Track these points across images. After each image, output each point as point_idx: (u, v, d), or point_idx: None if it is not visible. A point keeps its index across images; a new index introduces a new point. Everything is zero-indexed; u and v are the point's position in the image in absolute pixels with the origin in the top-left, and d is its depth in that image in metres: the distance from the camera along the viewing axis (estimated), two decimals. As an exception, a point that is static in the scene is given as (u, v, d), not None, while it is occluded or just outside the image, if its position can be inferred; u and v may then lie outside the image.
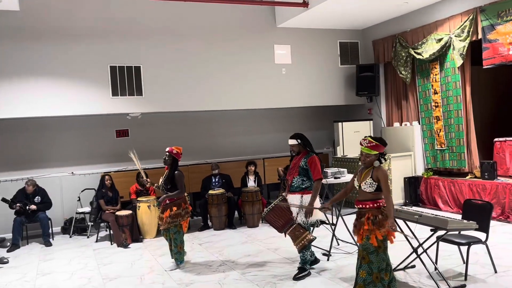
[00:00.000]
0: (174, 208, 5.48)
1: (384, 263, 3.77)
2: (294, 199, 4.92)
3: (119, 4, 7.69)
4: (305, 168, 4.92)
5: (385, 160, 3.93)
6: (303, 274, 4.94)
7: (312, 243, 5.22)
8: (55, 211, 7.86)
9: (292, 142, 5.01)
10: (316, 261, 5.21)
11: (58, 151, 8.19)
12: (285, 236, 4.96)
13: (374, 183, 3.78)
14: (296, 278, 4.89)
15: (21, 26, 7.15)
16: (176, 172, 5.52)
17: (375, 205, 3.79)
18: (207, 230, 7.63)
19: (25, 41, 7.17)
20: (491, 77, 8.63)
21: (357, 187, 3.95)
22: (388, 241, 3.84)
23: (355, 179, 4.00)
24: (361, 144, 3.91)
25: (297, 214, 4.86)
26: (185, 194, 5.74)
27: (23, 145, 7.99)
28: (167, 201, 5.55)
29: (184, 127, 9.00)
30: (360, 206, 3.87)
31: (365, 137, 3.93)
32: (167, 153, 5.60)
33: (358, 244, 3.88)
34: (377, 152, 3.82)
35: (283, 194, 5.10)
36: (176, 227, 5.53)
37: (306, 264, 5.00)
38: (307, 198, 4.89)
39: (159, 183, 5.76)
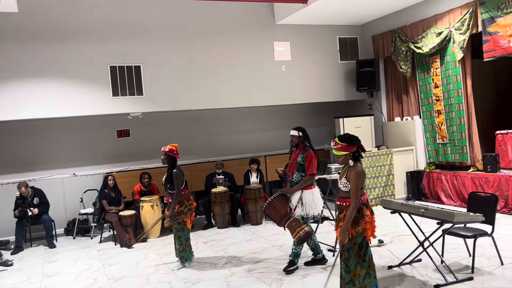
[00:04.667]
0: (177, 206, 5.49)
1: (360, 259, 3.72)
2: (294, 195, 4.99)
3: (118, 4, 7.66)
4: (302, 164, 5.02)
5: (362, 157, 3.83)
6: (293, 268, 5.03)
7: (318, 240, 5.24)
8: (58, 213, 7.85)
9: (294, 133, 5.13)
10: (323, 260, 5.22)
11: (59, 153, 8.17)
12: (284, 229, 5.03)
13: (348, 183, 3.71)
14: (286, 270, 5.00)
15: (20, 28, 7.12)
16: (174, 171, 5.51)
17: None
18: (211, 229, 7.62)
19: (23, 43, 7.14)
20: (492, 70, 8.64)
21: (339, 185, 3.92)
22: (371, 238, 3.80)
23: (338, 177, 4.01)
24: (331, 146, 3.88)
25: (295, 207, 4.92)
26: (188, 191, 5.74)
27: (24, 147, 7.97)
28: (170, 200, 5.56)
29: (185, 126, 8.99)
30: (339, 203, 3.84)
31: (334, 138, 3.89)
32: (163, 153, 5.61)
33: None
34: (347, 152, 3.74)
35: (283, 189, 5.15)
36: (179, 225, 5.54)
37: (297, 258, 5.09)
38: (307, 193, 4.97)
39: (163, 180, 5.78)
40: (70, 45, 7.39)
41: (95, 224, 7.54)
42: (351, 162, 3.77)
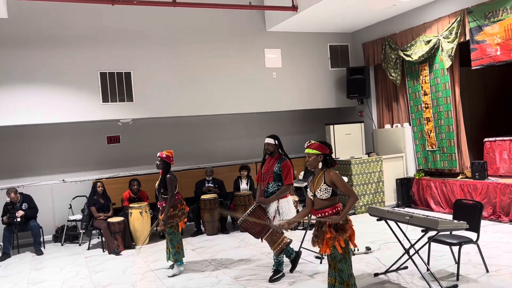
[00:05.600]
0: (170, 210, 5.51)
1: (352, 268, 3.70)
2: (271, 205, 4.93)
3: (108, 10, 7.65)
4: (279, 173, 4.95)
5: (333, 165, 3.76)
6: (279, 275, 5.01)
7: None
8: (46, 219, 7.79)
9: (270, 141, 5.06)
10: (298, 255, 5.18)
11: (48, 159, 8.12)
12: (262, 241, 5.00)
13: (329, 188, 3.63)
14: (272, 280, 4.96)
15: (9, 33, 7.10)
16: (168, 176, 5.55)
17: (334, 211, 3.66)
18: (200, 236, 7.60)
19: (13, 48, 7.12)
20: (480, 78, 8.72)
21: (311, 197, 3.78)
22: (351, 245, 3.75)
23: (308, 189, 3.86)
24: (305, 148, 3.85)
25: (273, 218, 4.86)
26: (181, 196, 5.76)
27: (13, 153, 7.92)
28: (164, 204, 5.58)
29: (176, 132, 8.98)
30: (319, 215, 3.69)
31: (309, 140, 3.91)
32: (158, 158, 5.63)
33: (325, 254, 3.74)
34: (319, 152, 3.70)
35: (259, 199, 5.04)
36: (171, 228, 5.55)
37: (281, 266, 5.08)
38: (284, 202, 4.94)
39: (156, 185, 5.78)
40: (60, 51, 7.39)
41: (84, 231, 7.49)
42: (320, 165, 3.72)
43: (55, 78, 7.36)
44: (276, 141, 5.06)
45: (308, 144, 3.83)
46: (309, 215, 4.16)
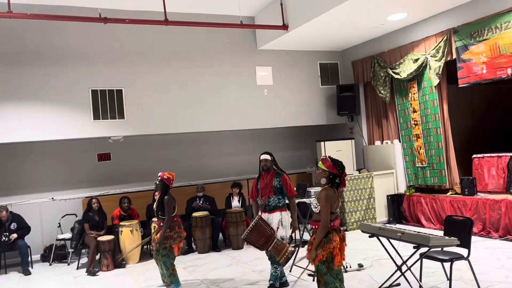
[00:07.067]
0: (167, 231, 5.47)
1: (337, 283, 3.76)
2: (274, 217, 5.10)
3: (100, 28, 7.70)
4: (279, 187, 5.18)
5: (337, 186, 3.85)
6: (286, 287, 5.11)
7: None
8: (35, 238, 7.65)
9: (267, 157, 5.30)
10: (286, 283, 5.30)
11: (37, 177, 8.03)
12: (267, 253, 5.07)
13: (318, 203, 3.78)
14: None
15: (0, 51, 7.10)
16: (165, 197, 5.54)
17: None
18: (191, 254, 7.52)
19: (3, 66, 7.10)
20: (467, 95, 8.87)
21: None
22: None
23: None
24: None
25: (277, 229, 5.03)
26: (180, 220, 5.74)
27: (1, 171, 7.82)
28: (161, 224, 5.55)
29: (167, 150, 8.96)
30: (312, 226, 3.89)
31: (325, 155, 4.01)
32: (159, 178, 5.62)
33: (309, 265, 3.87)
34: (326, 169, 3.81)
35: (259, 214, 5.19)
36: (165, 250, 5.48)
37: (277, 281, 5.16)
38: (285, 215, 5.15)
39: (154, 207, 5.75)
40: (51, 68, 7.38)
41: (73, 250, 7.37)
42: (323, 181, 3.82)
43: (46, 95, 7.34)
44: (272, 157, 5.31)
45: (323, 158, 3.93)
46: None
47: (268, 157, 5.29)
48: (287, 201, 5.31)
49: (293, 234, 5.35)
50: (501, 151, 7.42)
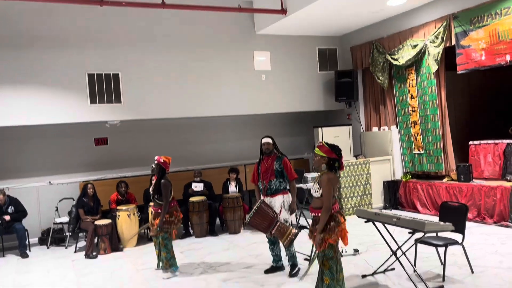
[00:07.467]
0: (167, 216, 5.49)
1: (338, 266, 3.84)
2: (276, 200, 5.16)
3: (97, 11, 7.60)
4: (280, 171, 5.23)
5: (336, 169, 3.91)
6: (296, 270, 5.16)
7: (295, 249, 5.29)
8: (32, 222, 7.68)
9: (269, 140, 5.37)
10: (282, 267, 5.37)
11: (35, 161, 8.02)
12: (271, 235, 5.11)
13: (319, 188, 3.81)
14: (292, 275, 5.11)
15: (-5, 34, 7.03)
16: (162, 181, 5.53)
17: None
18: (189, 238, 7.57)
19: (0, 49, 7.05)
20: (465, 82, 8.86)
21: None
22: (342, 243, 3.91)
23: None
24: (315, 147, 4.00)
25: (280, 212, 5.10)
26: (176, 203, 5.74)
27: (-2, 155, 7.82)
28: (159, 210, 5.54)
29: (164, 134, 8.95)
30: (314, 214, 3.90)
31: (321, 141, 4.01)
32: (155, 162, 5.61)
33: (316, 251, 3.89)
34: (325, 155, 3.85)
35: (262, 198, 5.23)
36: (166, 233, 5.53)
37: (295, 259, 5.21)
38: (287, 197, 5.23)
39: (150, 190, 5.75)
40: (47, 51, 7.31)
41: (70, 234, 7.40)
42: (323, 167, 3.85)
43: (42, 79, 7.28)
44: (273, 141, 5.38)
45: (319, 144, 3.94)
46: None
47: (269, 140, 5.34)
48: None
49: (293, 217, 5.40)
50: (498, 138, 7.44)
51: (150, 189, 5.79)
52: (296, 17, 7.96)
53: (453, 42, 7.31)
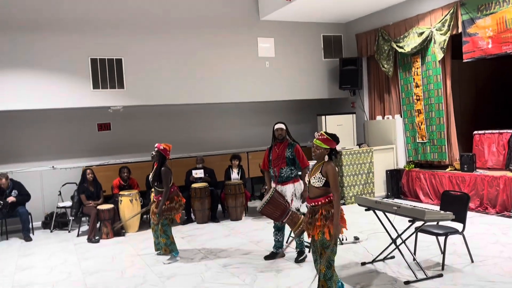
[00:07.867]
0: (167, 202, 5.50)
1: (334, 255, 3.84)
2: (287, 189, 5.13)
3: (100, -5, 7.57)
4: (292, 158, 5.17)
5: (336, 157, 3.95)
6: (303, 257, 5.16)
7: (291, 235, 5.30)
8: (36, 206, 7.74)
9: (282, 126, 5.28)
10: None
11: (38, 145, 8.05)
12: (283, 223, 5.14)
13: (322, 177, 3.78)
14: (298, 261, 5.12)
15: (-2, 17, 7.00)
16: (162, 168, 5.53)
17: (327, 200, 3.79)
18: (190, 224, 7.61)
19: (2, 33, 7.01)
20: (471, 71, 8.76)
21: (307, 183, 3.96)
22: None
23: (306, 175, 4.05)
24: (315, 137, 3.95)
25: (291, 201, 5.08)
26: (176, 187, 5.75)
27: (2, 139, 7.83)
28: (160, 197, 5.56)
29: (167, 121, 8.94)
30: (313, 203, 3.86)
31: (320, 131, 3.97)
32: (155, 149, 5.61)
33: (313, 241, 3.86)
34: (328, 147, 3.83)
35: (274, 186, 5.20)
36: (166, 220, 5.55)
37: (303, 246, 5.20)
38: (298, 186, 5.19)
39: (150, 178, 5.75)
40: (50, 35, 7.28)
41: (73, 218, 7.46)
42: (326, 158, 3.84)
43: (45, 64, 7.27)
44: (286, 127, 5.29)
45: (319, 135, 3.89)
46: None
47: (283, 126, 5.26)
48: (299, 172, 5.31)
49: (304, 205, 5.39)
50: (503, 127, 7.37)
51: (150, 176, 5.78)
52: (301, 3, 7.87)
53: (460, 30, 7.21)
